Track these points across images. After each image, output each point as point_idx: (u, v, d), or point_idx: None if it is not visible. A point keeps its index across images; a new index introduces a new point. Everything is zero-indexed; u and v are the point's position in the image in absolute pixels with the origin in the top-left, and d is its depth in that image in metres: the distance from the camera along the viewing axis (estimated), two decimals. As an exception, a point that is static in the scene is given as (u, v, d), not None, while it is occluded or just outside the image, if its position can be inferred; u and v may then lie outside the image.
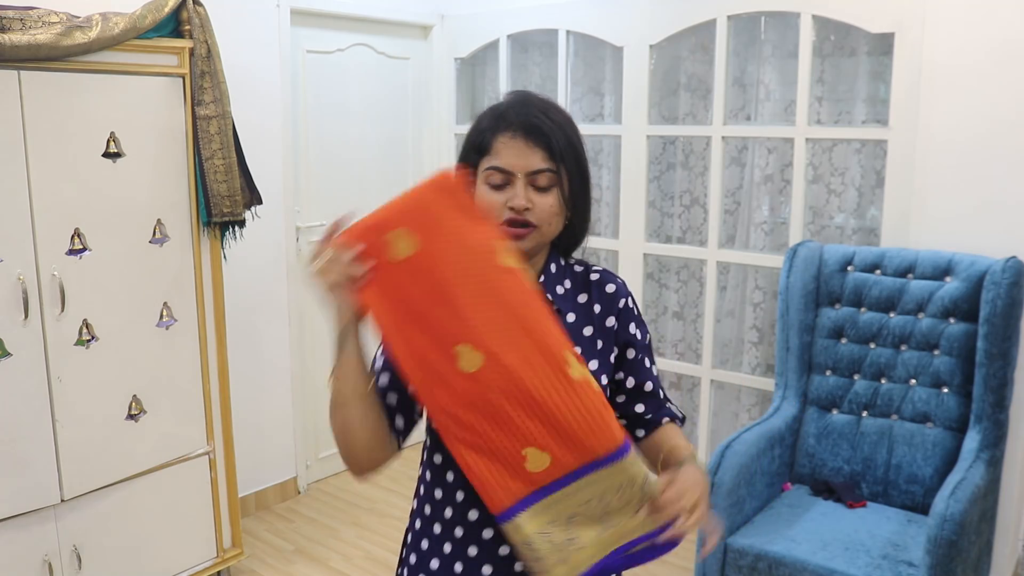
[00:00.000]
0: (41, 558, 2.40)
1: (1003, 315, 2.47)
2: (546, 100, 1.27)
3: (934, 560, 2.14)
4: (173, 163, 2.61)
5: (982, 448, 2.49)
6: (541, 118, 1.21)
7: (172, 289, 2.64)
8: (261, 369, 3.51)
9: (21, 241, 2.27)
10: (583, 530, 1.15)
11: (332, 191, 3.76)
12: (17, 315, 2.27)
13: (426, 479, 1.32)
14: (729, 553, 2.47)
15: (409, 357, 1.14)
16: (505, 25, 3.87)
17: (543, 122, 1.21)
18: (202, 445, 2.79)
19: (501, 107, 1.25)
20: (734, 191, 3.49)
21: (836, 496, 2.69)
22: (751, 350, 3.54)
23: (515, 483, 1.13)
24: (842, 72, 3.19)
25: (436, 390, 1.13)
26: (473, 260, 1.12)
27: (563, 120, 1.24)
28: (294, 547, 3.28)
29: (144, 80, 2.51)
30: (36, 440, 2.34)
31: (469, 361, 1.10)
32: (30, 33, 2.18)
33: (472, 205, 1.16)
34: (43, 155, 2.29)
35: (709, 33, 3.34)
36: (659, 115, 3.62)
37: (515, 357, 1.10)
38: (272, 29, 3.40)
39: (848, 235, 3.25)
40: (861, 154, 3.19)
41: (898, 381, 2.72)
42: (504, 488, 1.14)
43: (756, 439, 2.67)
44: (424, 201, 1.14)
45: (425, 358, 1.12)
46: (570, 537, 1.15)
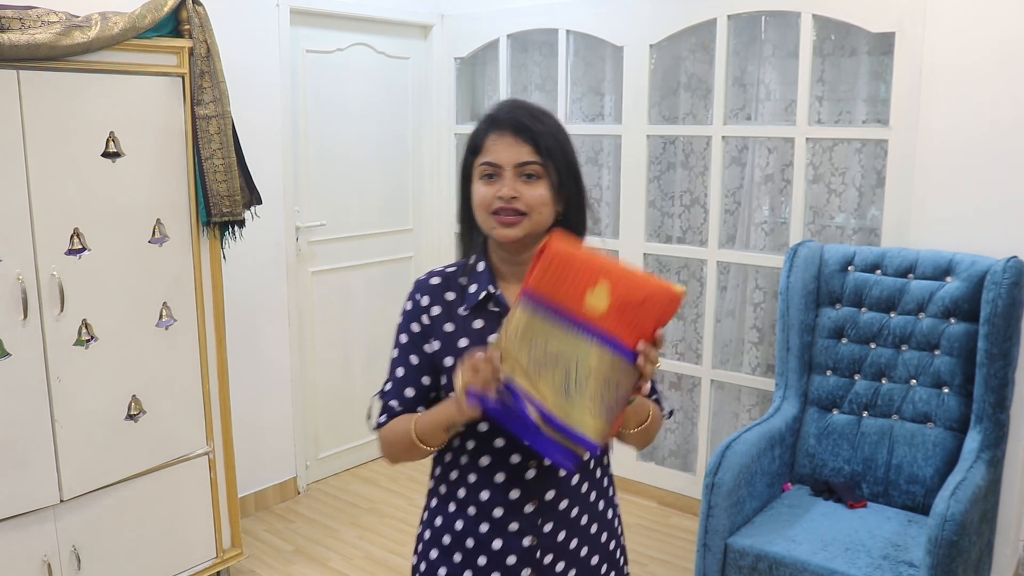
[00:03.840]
0: (40, 558, 2.39)
1: (1004, 315, 2.47)
2: (537, 106, 1.36)
3: (935, 560, 2.14)
4: (173, 163, 2.61)
5: (983, 448, 2.48)
6: (529, 119, 1.30)
7: (172, 289, 2.64)
8: (261, 369, 3.51)
9: (20, 241, 2.27)
10: (549, 380, 1.18)
11: (332, 191, 3.76)
12: (16, 315, 2.27)
13: (444, 460, 1.39)
14: (729, 553, 2.47)
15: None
16: (505, 25, 3.86)
17: (531, 122, 1.30)
18: (202, 445, 2.79)
19: (493, 111, 1.35)
20: (734, 191, 3.49)
21: (836, 496, 2.69)
22: (751, 350, 3.53)
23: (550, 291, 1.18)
24: (842, 72, 3.19)
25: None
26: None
27: (552, 124, 1.33)
28: (294, 547, 3.28)
29: (143, 80, 2.51)
30: (35, 440, 2.34)
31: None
32: (29, 33, 2.18)
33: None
34: (42, 155, 2.29)
35: (709, 33, 3.33)
36: (659, 115, 3.61)
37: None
38: (272, 29, 3.40)
39: (848, 235, 3.25)
40: (861, 154, 3.19)
41: (899, 381, 2.72)
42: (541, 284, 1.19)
43: (756, 439, 2.66)
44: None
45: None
46: (536, 372, 1.19)
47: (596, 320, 1.18)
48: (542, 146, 1.29)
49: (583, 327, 1.18)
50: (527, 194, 1.29)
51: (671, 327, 3.75)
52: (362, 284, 3.96)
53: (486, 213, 1.30)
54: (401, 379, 1.37)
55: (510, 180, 1.29)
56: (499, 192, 1.28)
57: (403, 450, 1.34)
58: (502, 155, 1.29)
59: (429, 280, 1.40)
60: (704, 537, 2.50)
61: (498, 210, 1.29)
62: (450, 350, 1.35)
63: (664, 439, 3.81)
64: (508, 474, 1.33)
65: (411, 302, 1.39)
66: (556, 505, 1.35)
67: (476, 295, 1.35)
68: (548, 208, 1.31)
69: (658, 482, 3.68)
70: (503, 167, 1.29)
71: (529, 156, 1.29)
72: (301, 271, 3.67)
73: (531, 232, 1.30)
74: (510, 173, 1.29)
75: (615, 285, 1.18)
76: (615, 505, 1.48)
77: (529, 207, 1.29)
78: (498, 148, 1.30)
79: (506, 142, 1.29)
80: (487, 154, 1.31)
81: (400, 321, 1.40)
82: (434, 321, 1.36)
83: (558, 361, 1.18)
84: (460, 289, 1.37)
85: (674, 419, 3.78)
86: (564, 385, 1.18)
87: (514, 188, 1.29)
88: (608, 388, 1.17)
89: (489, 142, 1.31)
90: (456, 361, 1.32)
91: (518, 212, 1.28)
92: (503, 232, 1.29)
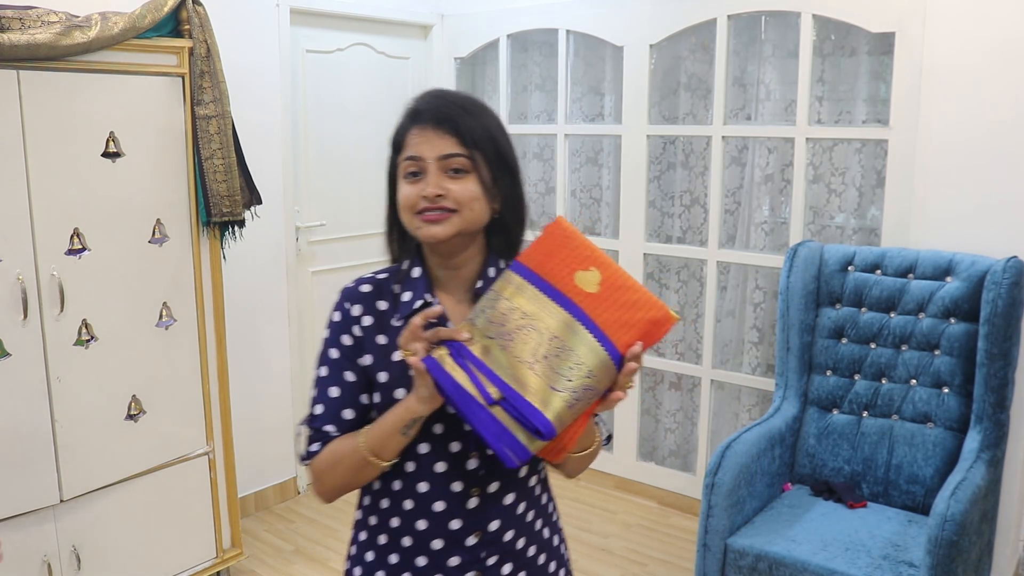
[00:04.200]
0: (40, 558, 2.39)
1: (1004, 315, 2.47)
2: (463, 95, 1.24)
3: (935, 560, 2.14)
4: (172, 163, 2.61)
5: (983, 448, 2.48)
6: (452, 109, 1.20)
7: (171, 289, 2.64)
8: (261, 369, 3.51)
9: (20, 241, 2.27)
10: (532, 350, 1.10)
11: (332, 191, 3.76)
12: (16, 315, 2.27)
13: (372, 488, 1.28)
14: (729, 553, 2.47)
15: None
16: (505, 25, 3.86)
17: (454, 112, 1.19)
18: (202, 445, 2.79)
19: (414, 104, 1.24)
20: (734, 191, 3.49)
21: (836, 496, 2.69)
22: (751, 350, 3.53)
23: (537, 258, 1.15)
24: (842, 72, 3.19)
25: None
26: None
27: (480, 113, 1.22)
28: (294, 547, 3.28)
29: (143, 80, 2.51)
30: (35, 440, 2.34)
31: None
32: (29, 33, 2.18)
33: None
34: (42, 155, 2.29)
35: (709, 33, 3.33)
36: (659, 115, 3.61)
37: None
38: (272, 29, 3.40)
39: (848, 235, 3.25)
40: (861, 154, 3.19)
41: (899, 381, 2.72)
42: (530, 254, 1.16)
43: (756, 439, 2.66)
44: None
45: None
46: (495, 335, 1.11)
47: (581, 298, 1.11)
48: (467, 137, 1.18)
49: (567, 302, 1.11)
50: (454, 189, 1.17)
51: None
52: (362, 284, 3.95)
53: (411, 214, 1.19)
54: (336, 400, 1.23)
55: (435, 176, 1.17)
56: (423, 191, 1.17)
57: (349, 473, 1.20)
58: (424, 148, 1.18)
59: (359, 288, 1.27)
60: (704, 537, 2.50)
61: (423, 209, 1.17)
62: (383, 365, 1.22)
63: (664, 440, 3.81)
64: (449, 502, 1.21)
65: (339, 312, 1.25)
66: (501, 536, 1.24)
67: (411, 304, 1.22)
68: (480, 204, 1.19)
69: (658, 482, 3.68)
70: (426, 160, 1.18)
71: (453, 148, 1.17)
72: (301, 271, 3.67)
73: (463, 230, 1.19)
74: (434, 167, 1.17)
75: (608, 274, 1.13)
76: (559, 530, 1.39)
77: (458, 203, 1.17)
78: (419, 142, 1.19)
79: (428, 135, 1.18)
80: (408, 149, 1.20)
81: (327, 335, 1.26)
82: (365, 333, 1.23)
83: (550, 339, 1.10)
84: (393, 297, 1.25)
85: (674, 419, 3.78)
86: (557, 366, 1.08)
87: (439, 184, 1.17)
88: (586, 386, 1.08)
89: (410, 137, 1.20)
90: (390, 377, 1.21)
91: (446, 208, 1.17)
92: (429, 230, 1.17)
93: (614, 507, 3.62)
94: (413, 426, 1.15)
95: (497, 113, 1.26)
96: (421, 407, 1.12)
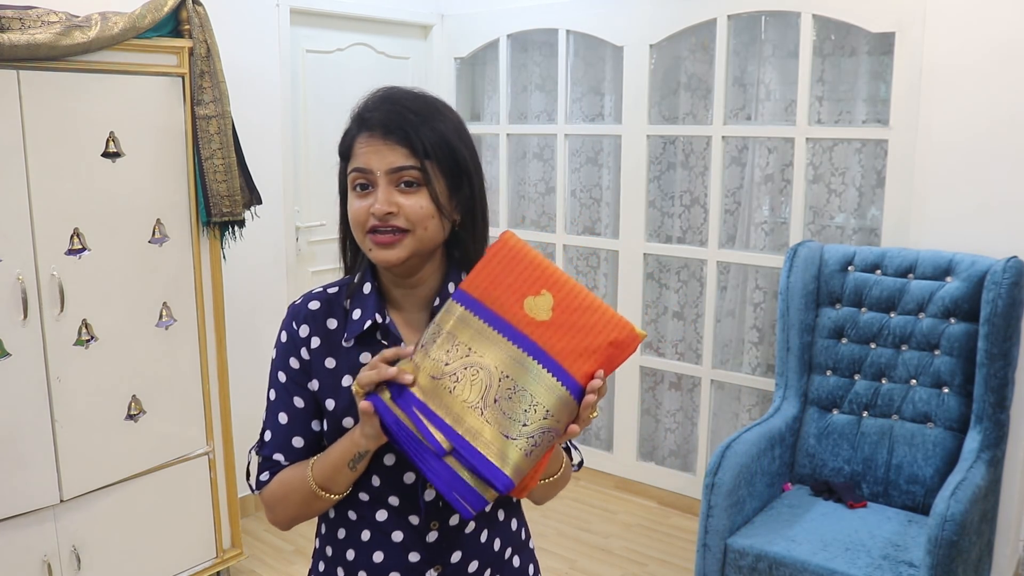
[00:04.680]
0: (40, 558, 2.39)
1: (1004, 315, 2.47)
2: (416, 94, 1.12)
3: (935, 560, 2.14)
4: (172, 163, 2.61)
5: (983, 448, 2.48)
6: (403, 113, 1.08)
7: (171, 289, 2.64)
8: (261, 369, 3.48)
9: (20, 241, 2.27)
10: (477, 394, 1.00)
11: (332, 191, 3.70)
12: (16, 315, 2.27)
13: (329, 516, 1.20)
14: (729, 553, 2.47)
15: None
16: (505, 25, 3.86)
17: (404, 117, 1.07)
18: (201, 445, 2.79)
19: (361, 107, 1.12)
20: (734, 191, 3.49)
21: (836, 496, 2.69)
22: (751, 350, 3.53)
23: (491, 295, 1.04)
24: (842, 72, 3.19)
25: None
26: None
27: (433, 115, 1.10)
28: (294, 547, 3.27)
29: (143, 80, 2.51)
30: (35, 440, 2.34)
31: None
32: (29, 33, 2.18)
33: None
34: (42, 155, 2.29)
35: (709, 33, 3.33)
36: (659, 115, 3.61)
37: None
38: (272, 29, 3.40)
39: (848, 235, 3.25)
40: (861, 154, 3.19)
41: (899, 381, 2.72)
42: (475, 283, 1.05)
43: (756, 439, 2.66)
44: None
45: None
46: (439, 374, 1.00)
47: (532, 328, 1.01)
48: (419, 147, 1.06)
49: (517, 335, 1.01)
50: (406, 206, 1.06)
51: (671, 328, 3.76)
52: (362, 284, 3.95)
53: (361, 231, 1.09)
54: (285, 427, 1.16)
55: (384, 191, 1.06)
56: (372, 208, 1.06)
57: (299, 505, 1.13)
58: (372, 160, 1.07)
59: (307, 304, 1.17)
60: (704, 537, 2.50)
61: (374, 228, 1.07)
62: (331, 391, 1.13)
63: (664, 440, 3.81)
64: (406, 534, 1.13)
65: (285, 332, 1.16)
66: (464, 568, 1.16)
67: (360, 323, 1.12)
68: (435, 221, 1.08)
69: (658, 482, 3.68)
70: (374, 173, 1.07)
71: (404, 160, 1.06)
72: (301, 271, 3.67)
73: (417, 251, 1.09)
74: (384, 181, 1.06)
75: (561, 296, 1.02)
76: (531, 554, 1.29)
77: (410, 222, 1.06)
78: (367, 152, 1.08)
79: (376, 145, 1.07)
80: (356, 159, 1.09)
81: (274, 356, 1.18)
82: (313, 355, 1.14)
83: (500, 379, 1.00)
84: (344, 314, 1.15)
85: (674, 419, 3.78)
86: (510, 410, 0.99)
87: (389, 200, 1.06)
88: (545, 428, 0.99)
89: (358, 146, 1.09)
90: (338, 406, 1.12)
91: (398, 229, 1.07)
92: (381, 254, 1.07)
93: (614, 507, 3.62)
94: (360, 460, 1.07)
95: (455, 111, 1.15)
96: (367, 442, 1.04)
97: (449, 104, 1.16)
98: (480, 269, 1.05)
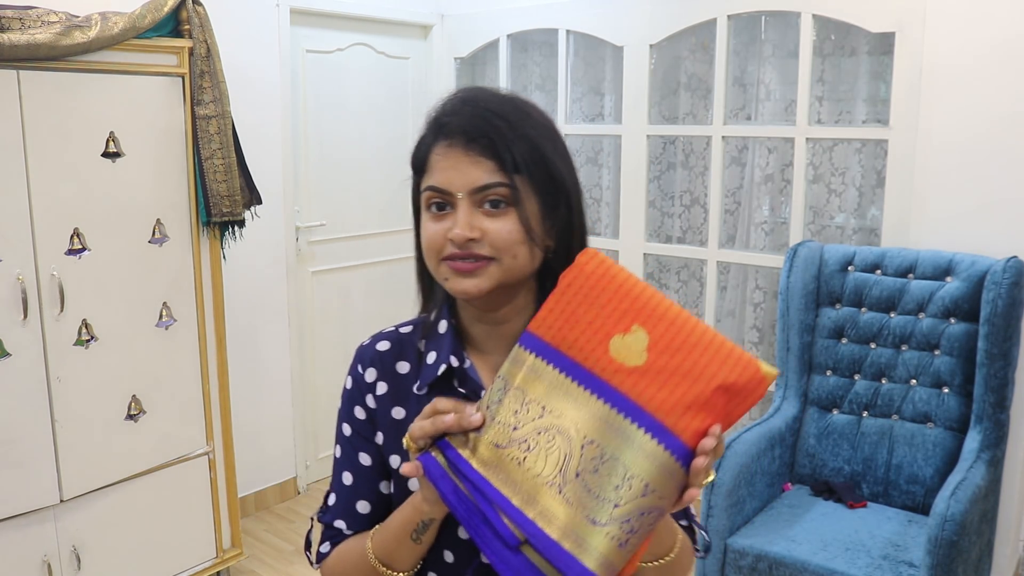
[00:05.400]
0: (40, 558, 2.39)
1: (1004, 315, 2.47)
2: (503, 95, 0.94)
3: (935, 560, 2.14)
4: (173, 163, 2.61)
5: (983, 448, 2.48)
6: (489, 118, 0.90)
7: (171, 289, 2.64)
8: (261, 369, 3.51)
9: (20, 241, 2.27)
10: (527, 463, 0.80)
11: (332, 191, 3.76)
12: (16, 315, 2.27)
13: None
14: (729, 553, 2.47)
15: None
16: (505, 25, 3.87)
17: (490, 124, 0.89)
18: (202, 445, 2.79)
19: (438, 110, 0.95)
20: (734, 191, 3.49)
21: (836, 496, 2.69)
22: (751, 350, 3.53)
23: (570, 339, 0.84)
24: (842, 72, 3.19)
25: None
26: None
27: (526, 123, 0.92)
28: (294, 547, 3.28)
29: (143, 80, 2.51)
30: (35, 440, 2.34)
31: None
32: (29, 33, 2.18)
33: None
34: (42, 155, 2.29)
35: (709, 33, 3.33)
36: (659, 115, 3.61)
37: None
38: (272, 29, 3.40)
39: (848, 235, 3.25)
40: (861, 154, 3.19)
41: (899, 381, 2.72)
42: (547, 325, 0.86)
43: (756, 439, 2.66)
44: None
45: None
46: (506, 443, 0.81)
47: (623, 377, 0.80)
48: (509, 160, 0.89)
49: (603, 387, 0.80)
50: (491, 231, 0.89)
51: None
52: (362, 284, 3.96)
53: (436, 259, 0.92)
54: (350, 488, 1.00)
55: (466, 212, 0.89)
56: (450, 232, 0.89)
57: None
58: (451, 177, 0.90)
59: (375, 345, 1.02)
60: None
61: (452, 256, 0.90)
62: (398, 446, 0.97)
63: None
64: None
65: (351, 378, 1.03)
66: None
67: (435, 368, 0.96)
68: (524, 247, 0.90)
69: (658, 482, 3.68)
70: (453, 194, 0.90)
71: (491, 176, 0.89)
72: (301, 271, 3.67)
73: (503, 282, 0.91)
74: (466, 203, 0.89)
75: (659, 333, 0.80)
76: None
77: (496, 249, 0.89)
78: (446, 167, 0.90)
79: (456, 158, 0.90)
80: (432, 175, 0.92)
81: (340, 406, 1.04)
82: (380, 403, 0.99)
83: (583, 445, 0.79)
84: (417, 358, 1.00)
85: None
86: (597, 486, 0.77)
87: (471, 224, 0.89)
88: (644, 509, 0.77)
89: (435, 158, 0.92)
90: (404, 462, 0.94)
91: (481, 256, 0.89)
92: (459, 284, 0.90)
93: (614, 507, 3.62)
94: (425, 530, 0.89)
95: (546, 114, 0.97)
96: (430, 509, 0.87)
97: (538, 106, 0.97)
98: (552, 304, 0.86)
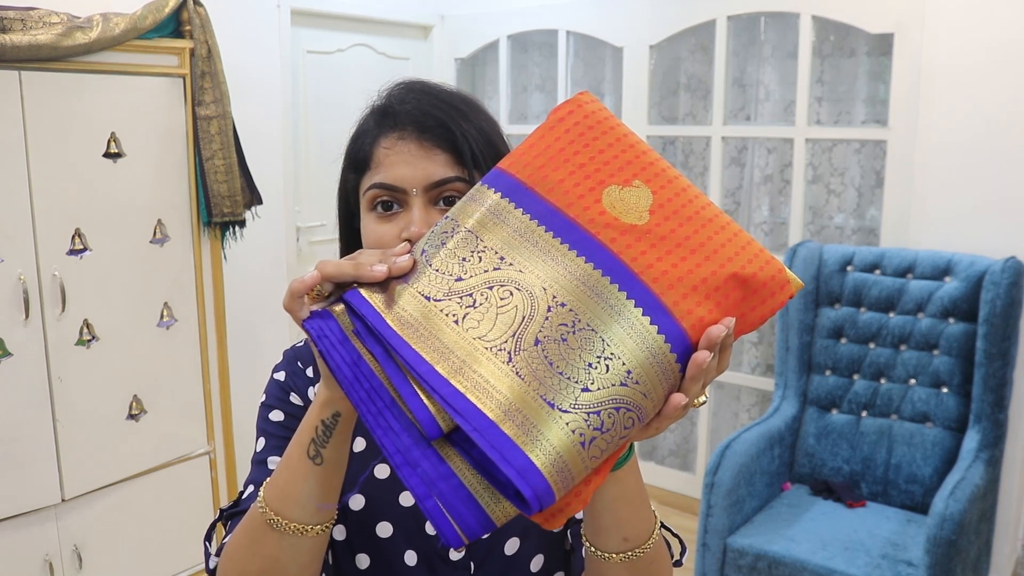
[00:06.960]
0: (42, 558, 2.40)
1: (1002, 315, 2.48)
2: (449, 87, 0.87)
3: (933, 560, 2.15)
4: (173, 163, 2.61)
5: (981, 448, 2.49)
6: (443, 107, 0.81)
7: (172, 289, 2.65)
8: (261, 369, 3.51)
9: (22, 241, 2.27)
10: (467, 320, 0.59)
11: (332, 191, 3.74)
12: (18, 315, 2.27)
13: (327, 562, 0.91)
14: (729, 553, 2.48)
15: None
16: (505, 25, 3.87)
17: (446, 113, 0.81)
18: (202, 445, 2.80)
19: (384, 101, 0.86)
20: (734, 191, 3.49)
21: (836, 496, 2.69)
22: (751, 350, 3.54)
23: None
24: (842, 72, 3.20)
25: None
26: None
27: (474, 111, 0.84)
28: (294, 547, 3.28)
29: (145, 80, 2.51)
30: (37, 440, 2.34)
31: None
32: (31, 33, 2.18)
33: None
34: (44, 155, 2.29)
35: (709, 33, 3.34)
36: (659, 115, 3.62)
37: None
38: (272, 29, 3.40)
39: (848, 235, 3.26)
40: (861, 154, 3.20)
41: (898, 381, 2.72)
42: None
43: (756, 439, 2.67)
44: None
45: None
46: (443, 295, 0.60)
47: (615, 234, 0.61)
48: (467, 152, 0.79)
49: (586, 242, 0.61)
50: None
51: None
52: (362, 284, 3.96)
53: None
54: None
55: (421, 211, 0.79)
56: (405, 232, 0.78)
57: (247, 548, 0.76)
58: (403, 172, 0.79)
59: (309, 347, 0.94)
60: (703, 536, 2.51)
61: None
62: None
63: (664, 439, 3.81)
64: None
65: (284, 372, 0.96)
66: None
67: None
68: None
69: (658, 482, 3.69)
70: (407, 191, 0.79)
71: (447, 170, 0.79)
72: (301, 271, 3.67)
73: None
74: (420, 200, 0.79)
75: (666, 197, 0.63)
76: None
77: None
78: (397, 162, 0.80)
79: (408, 151, 0.80)
80: (380, 171, 0.81)
81: (264, 400, 0.93)
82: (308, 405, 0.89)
83: (551, 307, 0.59)
84: None
85: (674, 419, 3.78)
86: (563, 359, 0.57)
87: (429, 223, 0.77)
88: (621, 402, 0.57)
89: (380, 152, 0.82)
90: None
91: None
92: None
93: (614, 507, 3.62)
94: (327, 439, 0.70)
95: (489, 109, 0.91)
96: (328, 395, 0.69)
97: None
98: (535, 140, 0.67)
